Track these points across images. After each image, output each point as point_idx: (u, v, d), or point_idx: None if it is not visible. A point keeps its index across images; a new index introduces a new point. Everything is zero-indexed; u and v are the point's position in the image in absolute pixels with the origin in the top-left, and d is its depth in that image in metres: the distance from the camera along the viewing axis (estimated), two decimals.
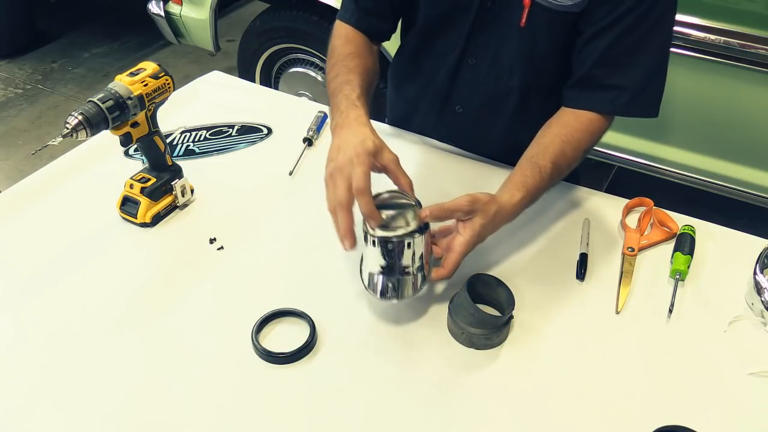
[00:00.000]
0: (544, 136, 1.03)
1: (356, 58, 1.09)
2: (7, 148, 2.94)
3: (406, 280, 0.89)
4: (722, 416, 0.83)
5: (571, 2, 1.00)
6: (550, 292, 1.00)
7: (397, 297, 0.90)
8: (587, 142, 1.03)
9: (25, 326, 0.93)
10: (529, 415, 0.83)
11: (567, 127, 1.03)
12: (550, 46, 1.07)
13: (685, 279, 1.01)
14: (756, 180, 1.95)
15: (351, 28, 1.15)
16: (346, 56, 1.09)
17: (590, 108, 1.04)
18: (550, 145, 1.00)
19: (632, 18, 0.97)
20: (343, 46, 1.12)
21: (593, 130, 1.04)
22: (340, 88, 1.02)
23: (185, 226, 1.11)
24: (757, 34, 1.70)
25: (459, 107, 1.22)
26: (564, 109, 1.06)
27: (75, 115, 0.93)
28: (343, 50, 1.10)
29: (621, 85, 1.03)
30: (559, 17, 1.02)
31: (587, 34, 1.02)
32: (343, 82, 1.03)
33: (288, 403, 0.84)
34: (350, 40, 1.13)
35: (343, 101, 0.99)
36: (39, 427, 0.80)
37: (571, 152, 1.01)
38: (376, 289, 0.90)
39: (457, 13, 1.10)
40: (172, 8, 2.62)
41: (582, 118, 1.04)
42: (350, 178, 0.86)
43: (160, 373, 0.87)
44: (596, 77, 1.03)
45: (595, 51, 1.02)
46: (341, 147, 0.90)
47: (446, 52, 1.16)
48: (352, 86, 1.02)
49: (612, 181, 2.55)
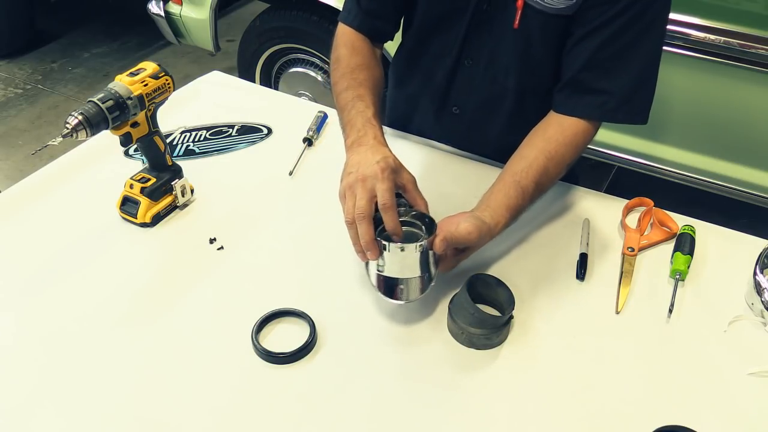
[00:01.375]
0: (529, 150, 1.02)
1: (365, 70, 1.09)
2: (7, 148, 2.94)
3: (414, 282, 0.90)
4: (722, 416, 0.83)
5: (563, 5, 1.00)
6: (550, 292, 1.00)
7: (406, 298, 0.91)
8: (571, 156, 1.04)
9: (26, 326, 0.93)
10: (529, 415, 0.83)
11: (552, 142, 1.02)
12: (544, 48, 1.07)
13: (685, 279, 1.01)
14: (756, 180, 1.95)
15: (354, 33, 1.14)
16: (355, 68, 1.08)
17: (578, 114, 1.04)
18: (534, 162, 1.00)
19: (623, 21, 0.97)
20: (350, 57, 1.11)
21: (578, 143, 1.04)
22: (353, 103, 1.02)
23: (185, 226, 1.11)
24: (757, 34, 1.70)
25: (456, 108, 1.23)
26: (550, 118, 1.06)
27: (75, 115, 0.93)
28: (350, 62, 1.10)
29: (609, 89, 1.02)
30: (552, 19, 1.02)
31: (577, 35, 1.02)
32: (355, 97, 1.03)
33: (288, 403, 0.84)
34: (356, 50, 1.12)
35: (359, 118, 1.00)
36: (40, 426, 0.80)
37: (554, 169, 1.02)
38: (386, 291, 0.91)
39: (454, 13, 1.10)
40: (172, 8, 2.62)
41: (567, 132, 1.03)
42: (372, 191, 0.87)
43: (159, 372, 0.87)
44: (585, 80, 1.03)
45: (584, 52, 1.02)
46: (361, 162, 0.91)
47: (443, 53, 1.16)
48: (366, 103, 1.02)
49: (612, 181, 2.55)
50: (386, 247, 0.88)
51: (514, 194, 0.98)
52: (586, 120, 1.04)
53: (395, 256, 0.89)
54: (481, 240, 0.93)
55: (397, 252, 0.88)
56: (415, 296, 0.91)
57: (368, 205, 0.87)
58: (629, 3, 0.95)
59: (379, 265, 0.90)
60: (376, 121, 1.00)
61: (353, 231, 0.89)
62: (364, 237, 0.87)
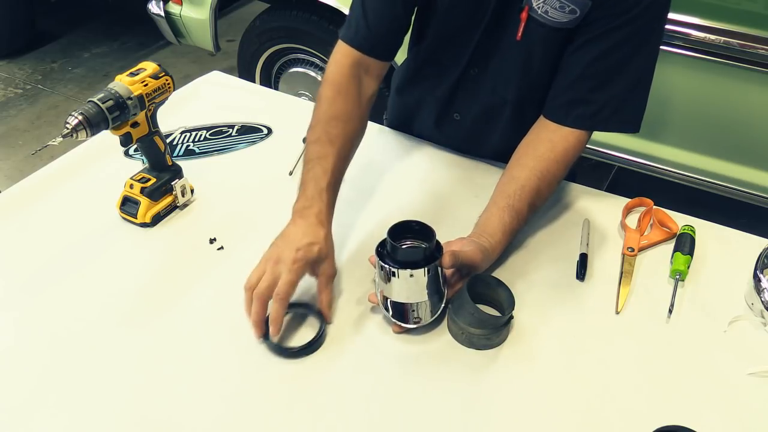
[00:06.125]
0: (520, 171, 1.03)
1: (340, 124, 1.03)
2: (7, 148, 2.94)
3: (424, 305, 0.90)
4: (722, 416, 0.83)
5: (565, 19, 1.00)
6: (550, 292, 1.00)
7: (418, 322, 0.91)
8: (563, 173, 1.05)
9: (26, 326, 0.93)
10: (529, 415, 0.83)
11: (543, 161, 1.03)
12: (545, 61, 1.07)
13: (685, 279, 1.01)
14: (756, 180, 1.95)
15: (349, 66, 1.07)
16: (331, 119, 1.03)
17: (569, 123, 1.04)
18: (526, 184, 1.01)
19: (622, 34, 0.97)
20: (332, 101, 1.04)
21: (568, 159, 1.04)
22: (313, 164, 1.00)
23: (185, 226, 1.11)
24: (757, 34, 1.70)
25: (457, 114, 1.23)
26: (541, 134, 1.06)
27: (75, 115, 0.93)
28: (330, 109, 1.04)
29: (603, 100, 1.02)
30: (554, 33, 1.02)
31: (576, 44, 1.02)
32: (319, 157, 1.00)
33: (288, 402, 0.84)
34: (341, 94, 1.05)
35: (311, 186, 0.98)
36: (40, 426, 0.80)
37: (546, 189, 1.03)
38: (398, 316, 0.91)
39: (468, 28, 1.09)
40: (172, 8, 2.62)
41: (558, 148, 1.03)
42: (278, 278, 0.88)
43: (159, 372, 0.87)
44: (579, 90, 1.03)
45: (581, 62, 1.02)
46: (288, 241, 0.92)
47: (453, 63, 1.15)
48: (324, 168, 0.99)
49: (612, 181, 2.55)
50: (395, 274, 0.87)
51: (509, 219, 1.00)
52: (578, 129, 1.04)
53: (404, 282, 0.88)
54: (483, 263, 0.96)
55: (407, 277, 0.87)
56: (427, 319, 0.91)
57: (268, 290, 0.88)
58: (630, 18, 0.96)
59: (385, 291, 0.90)
60: (327, 194, 0.98)
61: (248, 296, 0.90)
62: (253, 315, 0.89)
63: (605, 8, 0.96)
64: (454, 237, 0.97)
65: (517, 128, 1.12)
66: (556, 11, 0.99)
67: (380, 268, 0.89)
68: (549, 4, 0.99)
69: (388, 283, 0.89)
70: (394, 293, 0.89)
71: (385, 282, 0.90)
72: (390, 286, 0.89)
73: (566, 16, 0.99)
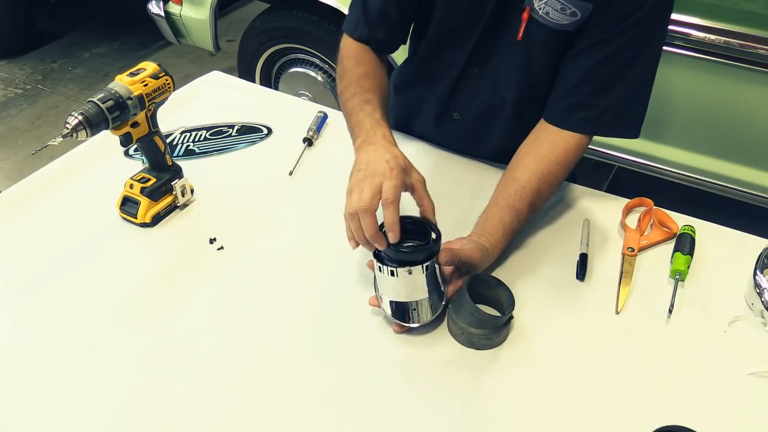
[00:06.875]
0: (521, 172, 1.03)
1: (370, 79, 1.09)
2: (7, 148, 2.94)
3: (424, 303, 0.90)
4: (722, 416, 0.83)
5: (566, 21, 1.00)
6: (550, 292, 1.00)
7: (419, 321, 0.91)
8: (563, 174, 1.05)
9: (26, 326, 0.93)
10: (529, 414, 0.83)
11: (544, 162, 1.03)
12: (545, 62, 1.07)
13: (685, 279, 1.01)
14: (756, 180, 1.95)
15: (359, 45, 1.13)
16: (360, 77, 1.09)
17: (570, 127, 1.04)
18: (527, 184, 1.02)
19: (624, 40, 0.97)
20: (355, 67, 1.11)
21: (569, 161, 1.05)
22: (361, 107, 1.03)
23: (185, 226, 1.11)
24: (757, 34, 1.70)
25: (457, 114, 1.23)
26: (541, 135, 1.06)
27: (75, 115, 0.93)
28: (356, 71, 1.10)
29: (604, 105, 1.03)
30: (554, 35, 1.02)
31: (578, 48, 1.02)
32: (363, 101, 1.04)
33: (288, 402, 0.84)
34: (360, 60, 1.12)
35: (367, 120, 1.00)
36: (40, 426, 0.80)
37: (547, 190, 1.04)
38: (398, 316, 0.91)
39: (468, 26, 1.09)
40: (172, 8, 2.61)
41: (559, 150, 1.04)
42: (379, 187, 0.86)
43: (159, 372, 0.87)
44: (580, 94, 1.03)
45: (582, 66, 1.02)
46: (371, 161, 0.91)
47: (452, 62, 1.15)
48: (373, 106, 1.02)
49: (612, 181, 2.55)
50: (394, 273, 0.87)
51: (509, 219, 1.00)
52: (579, 134, 1.04)
53: (403, 281, 0.88)
54: (482, 262, 0.96)
55: (406, 275, 0.87)
56: (427, 318, 0.91)
57: (373, 199, 0.86)
58: (632, 23, 0.96)
59: (385, 291, 0.90)
60: (384, 122, 1.00)
61: (355, 223, 0.87)
62: (368, 230, 0.86)
63: (607, 13, 0.96)
64: (453, 237, 0.97)
65: (516, 129, 1.12)
66: (557, 13, 0.99)
67: (378, 269, 0.89)
68: (550, 5, 0.99)
69: (387, 284, 0.89)
70: (394, 293, 0.89)
71: (384, 282, 0.90)
72: (389, 286, 0.89)
73: (567, 18, 0.99)
